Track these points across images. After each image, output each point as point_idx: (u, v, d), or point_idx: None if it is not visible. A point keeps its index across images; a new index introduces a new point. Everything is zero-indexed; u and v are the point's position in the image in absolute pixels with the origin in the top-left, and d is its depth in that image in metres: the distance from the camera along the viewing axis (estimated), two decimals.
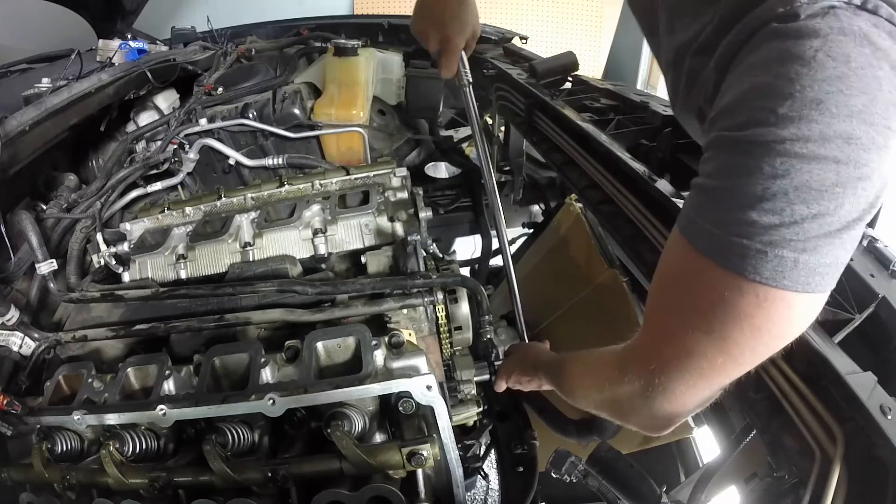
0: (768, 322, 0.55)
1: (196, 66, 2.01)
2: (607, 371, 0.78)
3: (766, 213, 0.52)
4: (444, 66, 1.20)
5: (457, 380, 1.16)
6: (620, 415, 0.77)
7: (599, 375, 0.82)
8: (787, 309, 0.54)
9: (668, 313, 0.66)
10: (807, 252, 0.52)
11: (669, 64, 0.81)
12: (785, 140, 0.50)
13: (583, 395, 0.89)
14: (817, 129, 0.49)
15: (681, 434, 1.49)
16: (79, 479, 0.89)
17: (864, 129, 0.49)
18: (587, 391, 0.87)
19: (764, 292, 0.54)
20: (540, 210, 2.24)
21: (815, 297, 0.55)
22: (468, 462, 1.45)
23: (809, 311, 0.56)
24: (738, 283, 0.55)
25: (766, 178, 0.51)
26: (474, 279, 1.12)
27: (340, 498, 0.82)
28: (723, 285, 0.56)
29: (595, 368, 0.86)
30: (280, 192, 1.40)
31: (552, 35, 4.11)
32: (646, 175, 1.04)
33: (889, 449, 0.59)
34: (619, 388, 0.73)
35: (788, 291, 0.53)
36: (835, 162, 0.50)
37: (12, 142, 1.21)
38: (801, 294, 0.53)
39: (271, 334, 1.08)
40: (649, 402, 0.68)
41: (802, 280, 0.53)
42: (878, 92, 0.50)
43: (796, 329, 0.57)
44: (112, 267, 1.29)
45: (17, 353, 1.12)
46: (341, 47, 1.85)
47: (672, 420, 0.70)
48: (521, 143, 2.02)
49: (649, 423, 0.73)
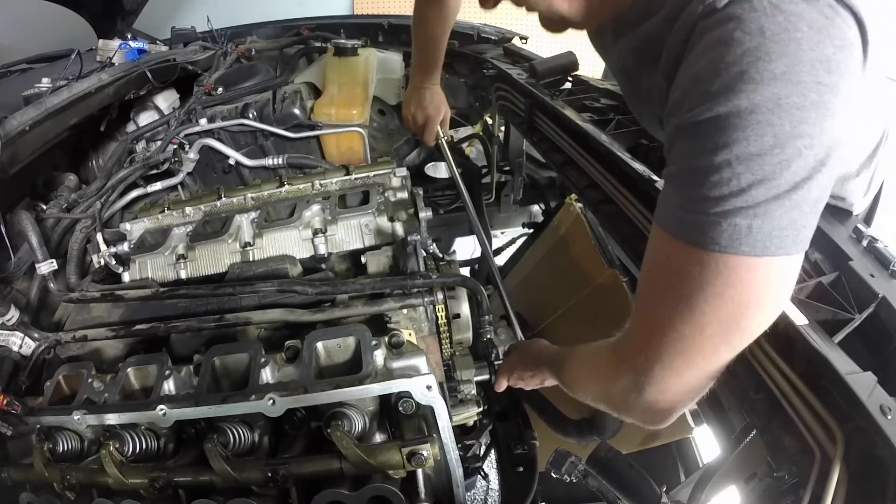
0: (730, 288, 0.57)
1: (196, 66, 2.01)
2: (603, 366, 0.80)
3: (716, 186, 0.55)
4: (426, 136, 1.71)
5: (457, 380, 1.16)
6: (617, 408, 0.78)
7: (596, 370, 0.84)
8: (748, 273, 0.56)
9: (648, 300, 0.68)
10: (758, 217, 0.54)
11: (621, 72, 0.89)
12: (719, 115, 0.54)
13: (582, 390, 0.91)
14: (745, 98, 0.52)
15: (681, 434, 1.49)
16: (79, 479, 0.89)
17: (792, 88, 0.51)
18: (585, 385, 0.89)
19: (723, 260, 0.56)
20: (540, 210, 2.24)
21: (778, 261, 0.56)
22: (468, 462, 1.45)
23: (775, 276, 0.57)
24: (698, 256, 0.57)
25: (711, 153, 0.54)
26: (474, 279, 1.12)
27: (340, 498, 0.82)
28: (686, 260, 0.59)
29: (592, 363, 0.87)
30: (280, 192, 1.40)
31: (552, 35, 4.10)
32: (646, 175, 1.04)
33: (889, 449, 0.59)
34: (614, 382, 0.74)
35: (747, 257, 0.55)
36: (769, 125, 0.52)
37: (12, 142, 1.20)
38: (760, 258, 0.55)
39: (271, 334, 1.08)
40: (642, 394, 0.69)
41: (760, 244, 0.55)
42: (798, 52, 0.52)
43: (765, 296, 0.58)
44: (112, 267, 1.29)
45: (17, 353, 1.12)
46: (341, 47, 1.85)
47: (667, 412, 0.71)
48: (521, 143, 2.02)
49: (646, 416, 0.73)
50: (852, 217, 0.95)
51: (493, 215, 2.18)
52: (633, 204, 1.09)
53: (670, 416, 0.72)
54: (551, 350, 1.12)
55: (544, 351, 1.14)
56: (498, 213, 2.21)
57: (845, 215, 0.95)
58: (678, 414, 0.72)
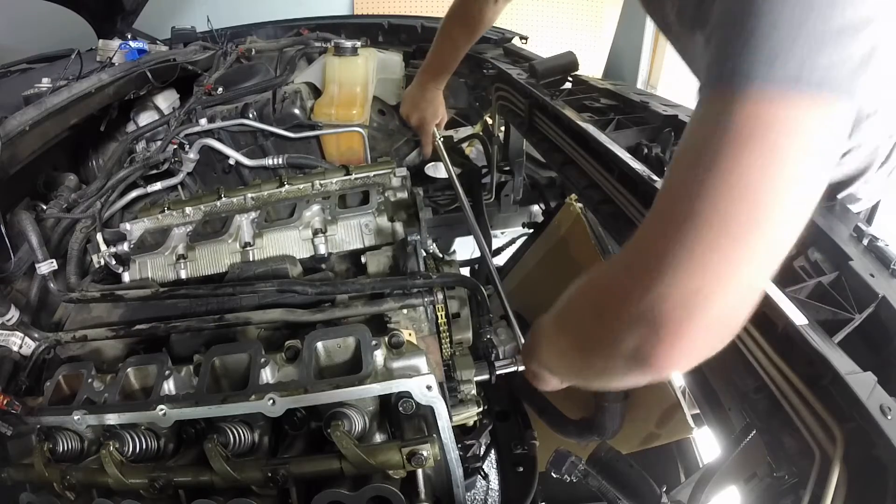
0: (771, 131, 0.48)
1: (196, 66, 2.01)
2: (596, 298, 0.64)
3: (771, 29, 0.48)
4: (422, 139, 1.78)
5: (457, 380, 1.16)
6: (621, 355, 0.59)
7: (583, 314, 0.69)
8: (790, 110, 0.48)
9: (672, 186, 0.56)
10: (807, 49, 0.48)
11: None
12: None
13: (566, 357, 0.74)
14: None
15: (681, 434, 1.49)
16: (79, 479, 0.89)
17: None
18: (569, 348, 0.72)
19: (760, 96, 0.48)
20: (540, 210, 2.24)
21: (819, 98, 0.49)
22: (468, 462, 1.44)
23: (815, 116, 0.49)
24: (732, 98, 0.50)
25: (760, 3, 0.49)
26: (474, 279, 1.12)
27: (340, 498, 0.82)
28: (719, 109, 0.51)
29: (576, 311, 0.71)
30: (280, 192, 1.40)
31: (552, 35, 4.11)
32: (646, 175, 1.04)
33: (889, 449, 0.59)
34: (615, 313, 0.58)
35: (789, 91, 0.48)
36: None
37: (12, 142, 1.21)
38: (803, 94, 0.48)
39: (271, 334, 1.08)
40: (658, 321, 0.52)
41: (811, 78, 0.48)
42: None
43: (805, 139, 0.49)
44: (112, 267, 1.29)
45: (17, 353, 1.12)
46: (341, 47, 1.84)
47: (693, 343, 0.53)
48: (521, 143, 2.02)
49: (663, 357, 0.55)
50: (853, 215, 0.95)
51: (493, 215, 2.18)
52: (633, 204, 1.09)
53: (694, 353, 0.55)
54: (530, 342, 0.94)
55: (530, 348, 0.95)
56: (498, 213, 2.21)
57: (846, 214, 0.95)
58: (703, 355, 0.56)
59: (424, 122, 1.76)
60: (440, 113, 1.78)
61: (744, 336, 0.78)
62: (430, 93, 1.74)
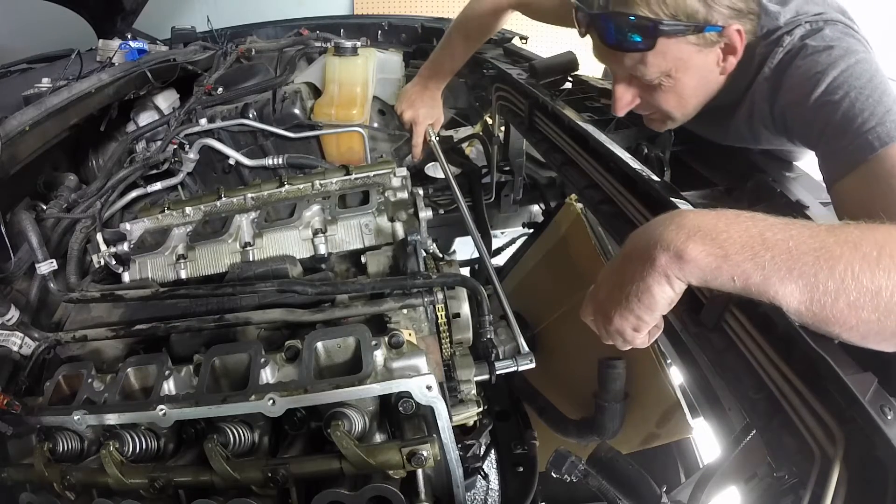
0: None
1: (196, 66, 2.01)
2: None
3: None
4: (413, 139, 1.76)
5: (457, 380, 1.16)
6: None
7: None
8: None
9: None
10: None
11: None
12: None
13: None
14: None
15: (681, 434, 1.49)
16: (79, 479, 0.89)
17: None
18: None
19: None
20: (540, 210, 2.24)
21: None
22: (468, 462, 1.45)
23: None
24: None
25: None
26: (474, 279, 1.12)
27: (340, 498, 0.82)
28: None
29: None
30: (280, 192, 1.40)
31: (552, 35, 4.09)
32: (646, 175, 1.04)
33: (889, 450, 0.59)
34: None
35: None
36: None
37: (12, 142, 1.21)
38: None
39: (271, 334, 1.08)
40: None
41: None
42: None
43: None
44: (112, 267, 1.28)
45: (17, 353, 1.12)
46: (341, 47, 1.85)
47: None
48: (521, 143, 2.02)
49: None
50: None
51: (493, 215, 2.18)
52: (633, 204, 1.09)
53: None
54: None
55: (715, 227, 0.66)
56: (498, 213, 2.21)
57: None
58: None
59: (417, 121, 1.75)
60: (436, 114, 1.77)
61: (744, 336, 0.78)
62: (428, 92, 1.75)
